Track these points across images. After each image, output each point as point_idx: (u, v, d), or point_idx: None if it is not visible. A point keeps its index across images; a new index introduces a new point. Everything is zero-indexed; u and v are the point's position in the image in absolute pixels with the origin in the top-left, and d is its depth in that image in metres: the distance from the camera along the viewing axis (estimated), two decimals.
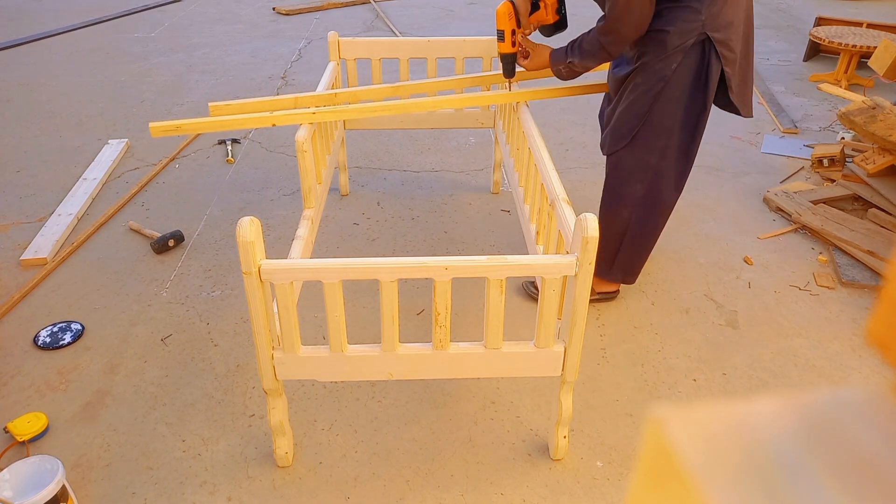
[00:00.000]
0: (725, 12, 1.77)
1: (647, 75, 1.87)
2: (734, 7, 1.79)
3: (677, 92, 1.85)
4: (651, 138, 1.92)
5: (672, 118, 1.88)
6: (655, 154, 1.94)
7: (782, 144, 3.40)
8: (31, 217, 2.71)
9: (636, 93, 1.90)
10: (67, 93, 4.04)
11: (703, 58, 1.81)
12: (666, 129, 1.90)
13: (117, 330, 2.09)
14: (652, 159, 1.94)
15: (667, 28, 1.80)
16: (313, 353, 1.48)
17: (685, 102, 1.86)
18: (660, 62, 1.83)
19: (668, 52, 1.81)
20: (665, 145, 1.92)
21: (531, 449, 1.70)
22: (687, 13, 1.77)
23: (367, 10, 6.18)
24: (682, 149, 1.94)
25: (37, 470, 1.45)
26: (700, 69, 1.83)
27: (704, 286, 2.32)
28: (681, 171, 1.98)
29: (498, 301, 1.41)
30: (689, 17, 1.77)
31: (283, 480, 1.61)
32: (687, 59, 1.81)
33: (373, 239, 2.58)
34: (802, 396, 0.23)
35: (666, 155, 1.93)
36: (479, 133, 3.48)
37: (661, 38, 1.81)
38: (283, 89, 4.17)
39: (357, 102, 2.18)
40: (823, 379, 1.93)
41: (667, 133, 1.90)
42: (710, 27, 1.77)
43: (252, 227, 1.29)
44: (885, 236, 2.48)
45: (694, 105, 1.87)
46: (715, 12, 1.76)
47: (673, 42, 1.80)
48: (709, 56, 1.81)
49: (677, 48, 1.80)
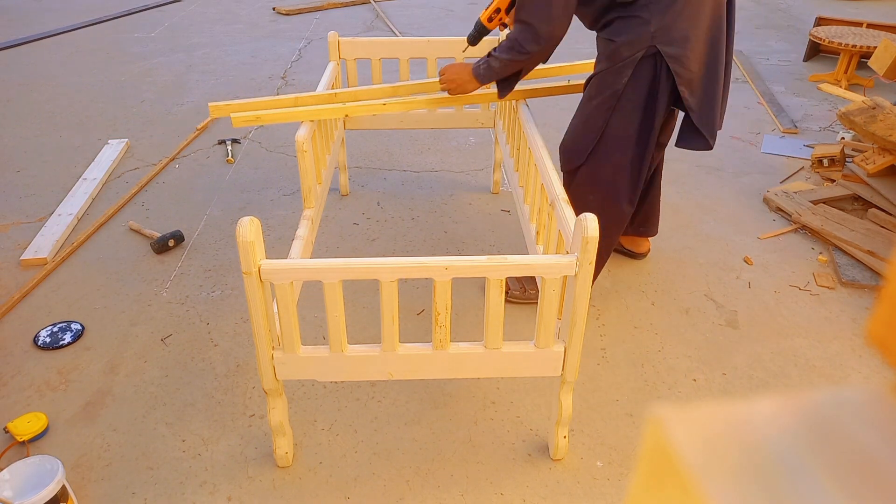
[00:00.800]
0: (679, 26, 1.72)
1: (601, 87, 1.85)
2: (691, 21, 1.73)
3: (630, 106, 1.83)
4: (605, 153, 1.91)
5: (625, 133, 1.87)
6: (609, 168, 1.93)
7: (782, 144, 3.40)
8: (31, 217, 2.71)
9: (591, 106, 1.89)
10: (67, 93, 4.04)
11: (656, 73, 1.78)
12: (620, 145, 1.89)
13: (117, 330, 2.09)
14: (605, 173, 1.93)
15: (615, 38, 1.78)
16: (313, 353, 1.48)
17: (638, 117, 1.84)
18: (611, 74, 1.82)
19: (618, 63, 1.79)
20: (619, 160, 1.91)
21: (531, 449, 1.70)
22: (635, 24, 1.74)
23: (367, 10, 6.18)
24: (634, 163, 1.92)
25: (37, 470, 1.45)
26: (652, 84, 1.79)
27: (704, 286, 2.32)
28: (633, 185, 1.96)
29: (498, 301, 1.41)
30: (637, 29, 1.74)
31: (283, 480, 1.61)
32: (637, 72, 1.78)
33: (373, 239, 2.58)
34: (802, 396, 0.23)
35: (619, 169, 1.92)
36: (479, 133, 3.48)
37: (611, 49, 1.79)
38: (283, 89, 4.17)
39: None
40: (823, 379, 1.93)
41: (621, 148, 1.89)
42: (660, 41, 1.73)
43: (252, 227, 1.29)
44: (885, 236, 2.48)
45: (645, 120, 1.85)
46: (666, 24, 1.71)
47: (622, 53, 1.77)
48: (660, 71, 1.77)
49: (626, 60, 1.77)
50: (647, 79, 1.79)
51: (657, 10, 1.71)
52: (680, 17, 1.71)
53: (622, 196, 1.96)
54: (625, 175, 1.93)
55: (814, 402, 0.23)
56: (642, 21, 1.73)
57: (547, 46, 1.82)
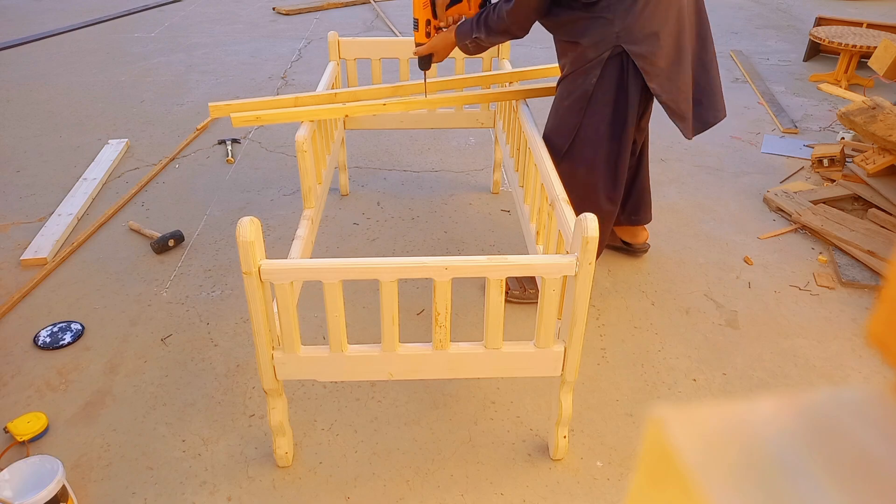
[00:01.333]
0: (643, 24, 1.72)
1: (572, 88, 1.87)
2: (656, 18, 1.73)
3: (601, 106, 1.84)
4: (579, 152, 1.92)
5: (597, 132, 1.88)
6: (584, 167, 1.93)
7: (782, 144, 3.40)
8: (31, 217, 2.71)
9: (563, 107, 1.90)
10: (67, 93, 4.04)
11: (623, 72, 1.78)
12: (592, 143, 1.90)
13: (117, 330, 2.09)
14: (580, 173, 1.94)
15: (581, 40, 1.78)
16: (313, 353, 1.48)
17: (609, 116, 1.85)
18: (580, 76, 1.83)
19: (585, 64, 1.80)
20: (592, 158, 1.92)
21: (531, 449, 1.70)
22: (600, 24, 1.74)
23: (367, 10, 6.18)
24: (609, 162, 1.92)
25: (37, 470, 1.45)
26: (620, 83, 1.80)
27: (704, 286, 2.32)
28: (611, 183, 1.97)
29: (498, 301, 1.41)
30: (601, 30, 1.74)
31: (283, 480, 1.61)
32: (606, 72, 1.79)
33: (373, 239, 2.58)
34: (802, 396, 0.23)
35: (594, 168, 1.93)
36: (479, 133, 3.48)
37: (578, 51, 1.80)
38: (283, 89, 4.17)
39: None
40: (823, 379, 1.93)
41: (593, 147, 1.90)
42: (625, 40, 1.73)
43: (252, 227, 1.29)
44: (885, 236, 2.48)
45: (617, 119, 1.86)
46: (630, 24, 1.72)
47: (588, 55, 1.78)
48: (627, 70, 1.78)
49: (593, 61, 1.78)
50: (616, 78, 1.80)
51: (620, 9, 1.72)
52: (642, 15, 1.72)
53: (601, 194, 1.97)
54: (601, 173, 1.94)
55: (814, 402, 0.23)
56: (606, 21, 1.73)
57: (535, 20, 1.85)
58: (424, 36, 1.99)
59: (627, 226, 2.40)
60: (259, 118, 1.98)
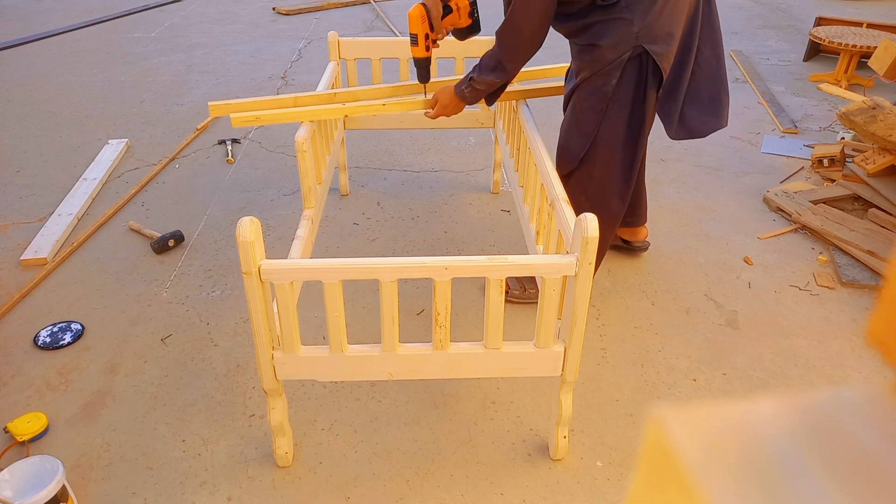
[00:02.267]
0: (662, 23, 1.70)
1: (589, 93, 1.84)
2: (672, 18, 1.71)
3: (620, 108, 1.82)
4: (599, 155, 1.91)
5: (615, 134, 1.86)
6: (599, 167, 1.92)
7: (782, 144, 3.40)
8: (31, 217, 2.71)
9: (581, 111, 1.88)
10: (67, 93, 4.04)
11: (642, 72, 1.77)
12: (610, 146, 1.88)
13: (117, 330, 2.09)
14: (595, 172, 1.93)
15: (599, 42, 1.75)
16: (313, 353, 1.48)
17: (627, 117, 1.84)
18: (599, 78, 1.80)
19: (605, 67, 1.77)
20: (609, 159, 1.91)
21: (531, 449, 1.70)
22: (619, 25, 1.72)
23: (367, 10, 6.18)
24: (625, 163, 1.92)
25: (37, 470, 1.45)
26: (639, 84, 1.78)
27: (704, 286, 2.32)
28: (625, 184, 1.96)
29: (498, 301, 1.41)
30: (621, 31, 1.72)
31: (283, 480, 1.61)
32: (626, 74, 1.77)
33: (373, 239, 2.58)
34: (802, 396, 0.23)
35: (610, 168, 1.92)
36: (479, 133, 3.48)
37: (596, 54, 1.77)
38: (283, 89, 4.17)
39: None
40: (823, 379, 1.93)
41: (610, 148, 1.89)
42: (645, 39, 1.71)
43: (252, 227, 1.29)
44: (885, 236, 2.48)
45: (634, 119, 1.84)
46: (649, 23, 1.70)
47: (607, 56, 1.75)
48: (647, 70, 1.76)
49: (613, 63, 1.75)
50: (635, 79, 1.79)
51: (640, 9, 1.70)
52: (662, 15, 1.71)
53: (615, 195, 1.97)
54: (617, 174, 1.94)
55: (814, 402, 0.23)
56: (625, 22, 1.71)
57: (528, 57, 1.83)
58: (424, 50, 2.00)
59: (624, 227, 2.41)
60: (259, 118, 1.98)
